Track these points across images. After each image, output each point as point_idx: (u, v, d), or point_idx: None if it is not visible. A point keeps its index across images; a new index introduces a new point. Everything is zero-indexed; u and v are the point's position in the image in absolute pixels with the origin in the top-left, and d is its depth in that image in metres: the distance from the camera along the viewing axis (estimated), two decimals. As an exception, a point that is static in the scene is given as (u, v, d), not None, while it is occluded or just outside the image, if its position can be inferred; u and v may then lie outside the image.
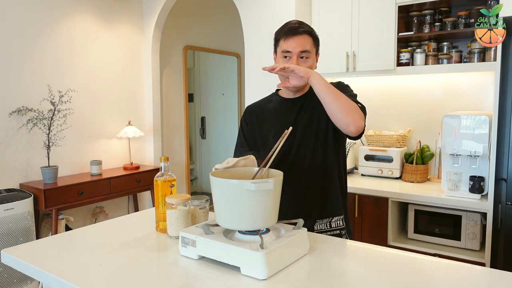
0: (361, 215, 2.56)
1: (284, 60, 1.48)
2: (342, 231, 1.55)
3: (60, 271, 1.15)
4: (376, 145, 2.87)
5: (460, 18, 2.53)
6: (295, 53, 1.45)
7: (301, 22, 1.49)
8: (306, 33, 1.46)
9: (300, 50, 1.44)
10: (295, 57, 1.45)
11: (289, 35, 1.45)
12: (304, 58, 1.46)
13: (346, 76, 2.86)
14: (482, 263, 2.18)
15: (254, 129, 1.61)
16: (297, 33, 1.45)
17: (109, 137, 3.61)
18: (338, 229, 1.54)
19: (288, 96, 1.58)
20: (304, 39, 1.45)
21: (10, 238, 2.59)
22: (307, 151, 1.50)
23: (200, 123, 5.81)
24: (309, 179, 1.50)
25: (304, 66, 1.44)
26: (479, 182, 2.24)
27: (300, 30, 1.45)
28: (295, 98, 1.56)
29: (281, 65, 1.35)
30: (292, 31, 1.45)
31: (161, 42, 3.95)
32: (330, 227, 1.52)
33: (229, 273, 1.11)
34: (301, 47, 1.44)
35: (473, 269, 1.16)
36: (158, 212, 1.48)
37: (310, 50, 1.46)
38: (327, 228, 1.52)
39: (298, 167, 1.49)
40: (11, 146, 2.92)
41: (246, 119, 1.65)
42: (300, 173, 1.49)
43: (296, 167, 1.49)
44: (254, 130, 1.61)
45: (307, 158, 1.50)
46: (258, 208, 1.14)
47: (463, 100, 2.70)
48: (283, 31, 1.47)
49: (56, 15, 3.16)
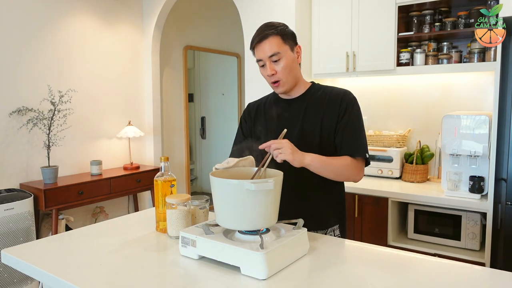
0: (361, 215, 2.56)
1: (261, 68, 1.48)
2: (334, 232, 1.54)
3: (60, 271, 1.15)
4: (376, 145, 2.87)
5: (460, 18, 2.53)
6: (266, 59, 1.43)
7: (267, 25, 1.45)
8: (272, 34, 1.42)
9: (269, 56, 1.42)
10: (268, 63, 1.43)
11: (256, 44, 1.44)
12: (276, 60, 1.43)
13: (346, 76, 2.86)
14: (482, 263, 2.18)
15: (251, 127, 1.61)
16: (262, 39, 1.42)
17: (109, 137, 3.61)
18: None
19: (284, 97, 1.57)
20: (270, 43, 1.42)
21: (10, 238, 2.59)
22: None
23: (200, 123, 5.81)
24: (303, 184, 1.47)
25: (279, 68, 1.43)
26: (479, 182, 2.24)
27: (264, 34, 1.42)
28: (290, 99, 1.54)
29: (272, 146, 1.29)
30: (258, 38, 1.43)
31: (161, 42, 3.95)
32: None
33: (229, 273, 1.11)
34: (270, 52, 1.42)
35: (473, 269, 1.16)
36: (158, 212, 1.48)
37: (280, 51, 1.42)
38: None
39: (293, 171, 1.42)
40: (11, 146, 2.92)
41: (245, 116, 1.65)
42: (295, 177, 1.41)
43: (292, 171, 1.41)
44: (251, 127, 1.61)
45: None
46: (258, 208, 1.14)
47: (463, 100, 2.70)
48: (252, 39, 1.46)
49: (56, 15, 3.16)
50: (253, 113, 1.63)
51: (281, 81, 1.46)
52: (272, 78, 1.46)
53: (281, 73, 1.44)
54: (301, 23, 2.90)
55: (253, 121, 1.61)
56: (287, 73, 1.45)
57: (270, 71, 1.44)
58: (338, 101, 1.47)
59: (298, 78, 1.51)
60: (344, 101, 1.47)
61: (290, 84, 1.48)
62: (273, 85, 1.49)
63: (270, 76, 1.45)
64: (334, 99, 1.48)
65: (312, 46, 3.00)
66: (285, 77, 1.45)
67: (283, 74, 1.44)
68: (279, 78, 1.45)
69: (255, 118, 1.61)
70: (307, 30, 2.98)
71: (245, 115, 1.65)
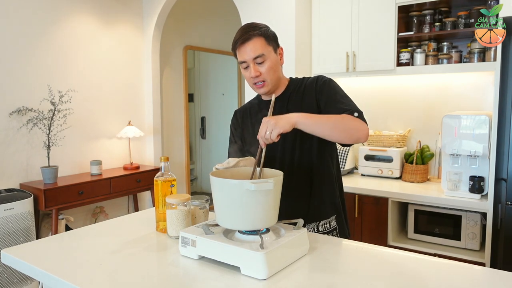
0: (361, 215, 2.56)
1: (244, 70, 1.45)
2: (332, 232, 1.52)
3: (60, 271, 1.15)
4: (376, 145, 2.87)
5: (460, 18, 2.52)
6: (250, 61, 1.41)
7: (249, 25, 1.43)
8: (255, 36, 1.39)
9: (253, 57, 1.40)
10: (251, 65, 1.41)
11: (239, 45, 1.41)
12: (261, 62, 1.42)
13: (346, 76, 2.86)
14: (482, 263, 2.18)
15: (241, 133, 1.61)
16: (245, 40, 1.40)
17: (109, 137, 3.61)
18: (325, 232, 1.51)
19: (265, 98, 1.56)
20: (253, 44, 1.39)
21: (10, 238, 2.59)
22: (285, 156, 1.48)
23: (200, 123, 5.81)
24: (290, 183, 1.43)
25: (263, 69, 1.41)
26: (479, 182, 2.24)
27: (248, 35, 1.39)
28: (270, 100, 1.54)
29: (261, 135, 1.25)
30: (240, 39, 1.40)
31: (161, 42, 3.95)
32: (318, 231, 1.50)
33: (229, 273, 1.11)
34: (253, 53, 1.39)
35: (473, 269, 1.16)
36: (158, 212, 1.48)
37: (264, 52, 1.40)
38: (314, 232, 1.49)
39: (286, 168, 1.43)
40: (11, 146, 2.92)
41: (234, 123, 1.65)
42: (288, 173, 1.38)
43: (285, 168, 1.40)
44: (241, 134, 1.61)
45: (285, 162, 1.47)
46: (258, 208, 1.14)
47: (463, 100, 2.70)
48: (234, 41, 1.43)
49: (56, 15, 3.16)
50: (240, 120, 1.63)
51: (266, 81, 1.44)
52: (256, 79, 1.43)
53: (266, 74, 1.43)
54: (301, 23, 2.90)
55: (241, 127, 1.62)
56: (271, 74, 1.44)
57: (254, 73, 1.42)
58: (313, 86, 1.48)
59: (280, 78, 1.51)
60: (318, 82, 1.47)
61: (273, 84, 1.47)
62: (255, 86, 1.47)
63: (254, 77, 1.43)
64: (309, 86, 1.49)
65: (312, 46, 3.00)
66: (269, 78, 1.44)
67: (268, 75, 1.43)
68: (264, 78, 1.43)
69: (243, 124, 1.61)
70: (307, 30, 2.98)
71: (233, 122, 1.66)
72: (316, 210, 1.50)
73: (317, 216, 1.51)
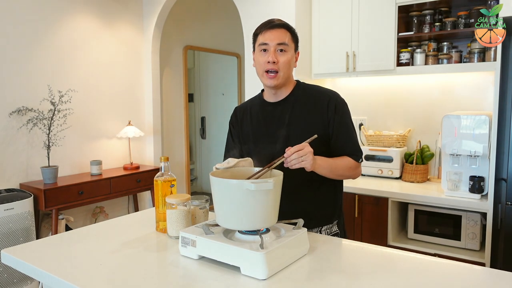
0: (361, 215, 2.56)
1: (261, 53, 1.45)
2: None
3: (60, 271, 1.15)
4: (376, 145, 2.87)
5: (460, 18, 2.52)
6: (272, 45, 1.42)
7: (279, 19, 1.48)
8: (284, 27, 1.45)
9: (277, 43, 1.42)
10: (272, 49, 1.42)
11: (266, 29, 1.44)
12: (282, 51, 1.43)
13: (346, 76, 2.86)
14: (482, 263, 2.18)
15: (239, 131, 1.60)
16: (274, 27, 1.43)
17: (109, 137, 3.61)
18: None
19: (269, 100, 1.55)
20: (281, 32, 1.43)
21: (10, 238, 2.59)
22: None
23: (200, 123, 5.81)
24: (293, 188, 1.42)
25: (282, 59, 1.42)
26: (479, 182, 2.24)
27: (277, 23, 1.44)
28: (275, 102, 1.53)
29: (294, 154, 1.26)
30: (269, 25, 1.44)
31: (161, 42, 3.95)
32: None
33: (229, 273, 1.11)
34: (278, 40, 1.42)
35: (473, 269, 1.16)
36: (158, 212, 1.48)
37: (288, 44, 1.43)
38: None
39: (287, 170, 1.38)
40: (11, 146, 2.92)
41: (233, 121, 1.64)
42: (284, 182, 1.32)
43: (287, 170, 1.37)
44: (239, 132, 1.60)
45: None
46: (258, 208, 1.14)
47: (463, 100, 2.70)
48: (260, 26, 1.46)
49: (56, 15, 3.16)
50: (239, 118, 1.62)
51: (279, 73, 1.44)
52: (271, 66, 1.42)
53: (282, 65, 1.43)
54: (301, 23, 2.90)
55: (240, 125, 1.60)
56: (286, 68, 1.45)
57: (272, 58, 1.41)
58: (325, 103, 1.47)
59: (290, 77, 1.51)
60: (332, 102, 1.47)
61: (284, 79, 1.46)
62: (266, 75, 1.45)
63: (270, 62, 1.42)
64: (320, 100, 1.48)
65: (312, 46, 3.00)
66: (283, 71, 1.44)
67: (283, 67, 1.44)
68: (279, 69, 1.43)
69: (242, 122, 1.60)
70: (307, 30, 2.98)
71: (232, 120, 1.65)
72: (318, 215, 1.51)
73: (321, 221, 1.51)
